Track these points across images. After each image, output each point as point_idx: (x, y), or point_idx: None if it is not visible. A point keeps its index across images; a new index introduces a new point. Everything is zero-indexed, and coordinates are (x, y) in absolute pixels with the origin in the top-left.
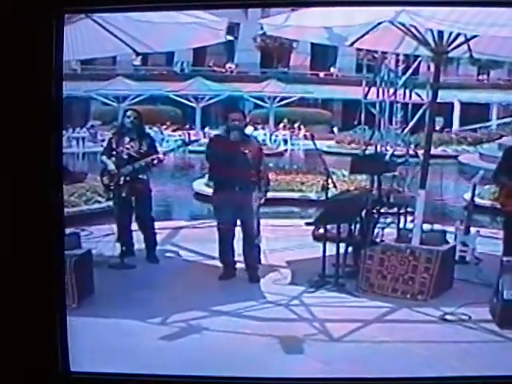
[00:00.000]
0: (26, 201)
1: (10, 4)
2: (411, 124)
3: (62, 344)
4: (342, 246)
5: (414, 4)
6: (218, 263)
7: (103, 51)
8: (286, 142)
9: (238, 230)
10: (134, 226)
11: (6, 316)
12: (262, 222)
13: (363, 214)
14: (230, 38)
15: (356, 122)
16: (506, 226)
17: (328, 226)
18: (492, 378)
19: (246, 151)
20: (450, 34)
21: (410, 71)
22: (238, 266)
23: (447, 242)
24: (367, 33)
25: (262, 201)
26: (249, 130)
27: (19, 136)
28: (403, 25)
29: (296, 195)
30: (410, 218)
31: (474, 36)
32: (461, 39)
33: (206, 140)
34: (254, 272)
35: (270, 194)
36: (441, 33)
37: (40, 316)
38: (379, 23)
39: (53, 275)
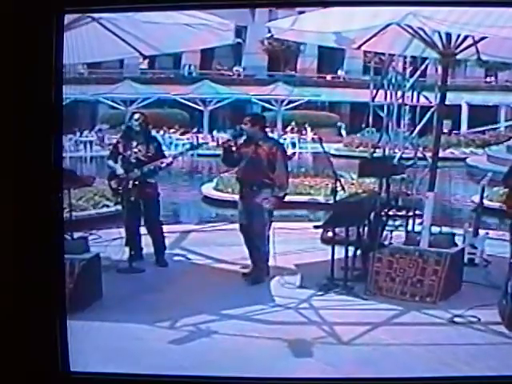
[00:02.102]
0: (26, 202)
1: (10, 4)
2: (419, 126)
3: (62, 344)
4: (351, 248)
5: (418, 4)
6: (227, 266)
7: (110, 54)
8: (294, 145)
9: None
10: (143, 229)
11: (6, 316)
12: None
13: (372, 216)
14: (238, 40)
15: (364, 125)
16: None
17: (336, 229)
18: (496, 378)
19: (256, 153)
20: (458, 36)
21: (418, 73)
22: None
23: (456, 245)
24: (375, 35)
25: (274, 203)
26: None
27: (19, 136)
28: (410, 27)
29: (304, 198)
30: (418, 221)
31: (482, 38)
32: (469, 41)
33: (214, 143)
34: (258, 274)
35: None
36: (449, 35)
37: (40, 316)
38: (387, 25)
39: (53, 276)
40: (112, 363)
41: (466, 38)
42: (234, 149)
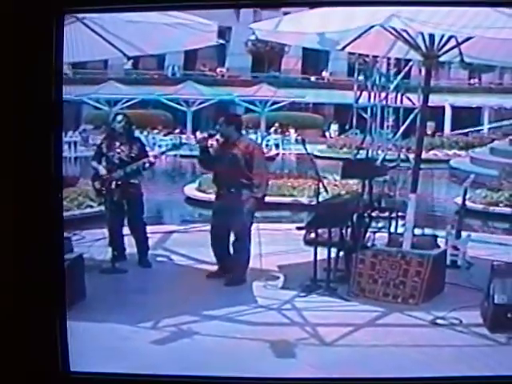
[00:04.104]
0: (26, 202)
1: (10, 4)
2: (402, 128)
3: (62, 344)
4: (334, 250)
5: (411, 4)
6: (209, 267)
7: (94, 55)
8: (277, 146)
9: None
10: (126, 230)
11: (6, 316)
12: (253, 226)
13: (354, 218)
14: (221, 41)
15: (348, 126)
16: None
17: (319, 231)
18: (494, 378)
19: (232, 153)
20: (441, 38)
21: (402, 75)
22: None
23: (438, 246)
24: (359, 37)
25: (254, 204)
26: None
27: (19, 136)
28: (394, 29)
29: (287, 199)
30: (401, 222)
31: (466, 40)
32: (452, 43)
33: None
34: (238, 275)
35: None
36: (432, 37)
37: (40, 316)
38: (371, 27)
39: (53, 276)
40: (95, 362)
41: (449, 39)
42: (210, 149)
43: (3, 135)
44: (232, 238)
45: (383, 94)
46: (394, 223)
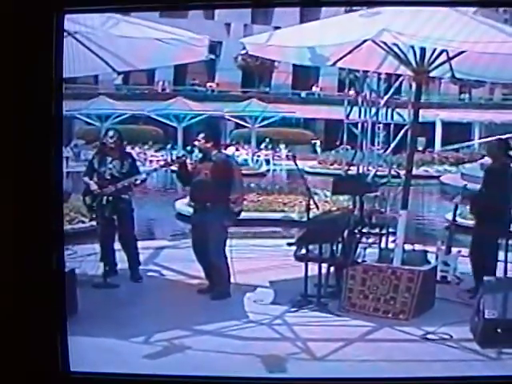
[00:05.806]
0: (26, 202)
1: (10, 4)
2: (393, 144)
3: (62, 344)
4: (324, 265)
5: (414, 4)
6: (200, 282)
7: (85, 70)
8: (268, 162)
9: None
10: (118, 245)
11: (6, 316)
12: (244, 242)
13: (345, 234)
14: (212, 56)
15: (338, 143)
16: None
17: (310, 247)
18: (496, 378)
19: (209, 169)
20: (432, 53)
21: (392, 91)
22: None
23: (429, 262)
24: (350, 52)
25: (229, 219)
26: (230, 150)
27: (19, 136)
28: (385, 43)
29: (278, 216)
30: (391, 239)
31: (456, 55)
32: (442, 58)
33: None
34: (219, 290)
35: (254, 215)
36: (423, 52)
37: (40, 316)
38: (362, 42)
39: (53, 276)
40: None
41: (439, 55)
42: (188, 166)
43: (3, 135)
44: (210, 252)
45: (374, 110)
46: (384, 239)
